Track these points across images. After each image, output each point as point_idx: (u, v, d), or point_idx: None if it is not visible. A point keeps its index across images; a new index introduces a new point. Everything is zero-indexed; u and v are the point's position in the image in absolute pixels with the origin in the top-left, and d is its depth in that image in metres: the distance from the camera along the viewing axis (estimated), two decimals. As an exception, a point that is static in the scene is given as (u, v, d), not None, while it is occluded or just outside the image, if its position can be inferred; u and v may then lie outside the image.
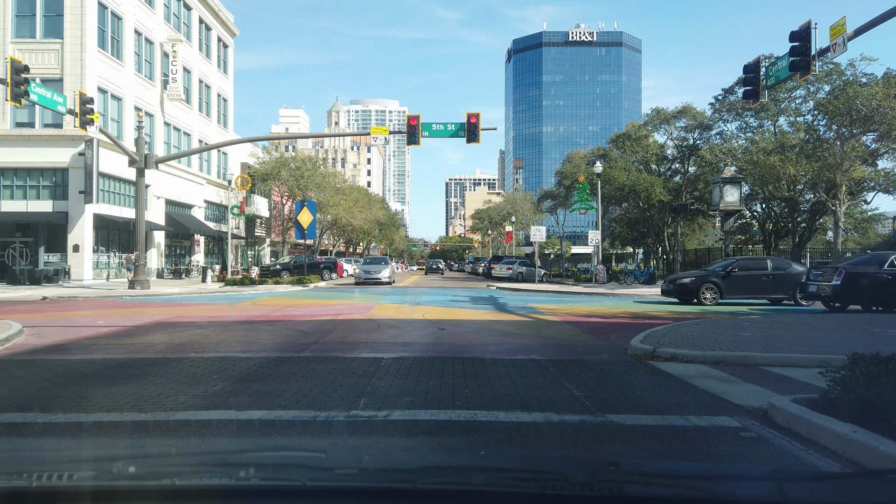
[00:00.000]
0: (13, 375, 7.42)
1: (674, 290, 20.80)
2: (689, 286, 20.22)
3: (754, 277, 20.16)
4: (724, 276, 20.10)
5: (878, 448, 3.98)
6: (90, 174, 30.40)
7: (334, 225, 66.76)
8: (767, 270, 20.37)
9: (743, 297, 20.29)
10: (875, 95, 30.76)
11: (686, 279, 20.86)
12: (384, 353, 9.06)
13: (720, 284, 19.93)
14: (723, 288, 19.88)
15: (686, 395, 6.39)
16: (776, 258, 23.08)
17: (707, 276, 20.54)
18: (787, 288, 20.00)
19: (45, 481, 1.53)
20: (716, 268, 21.54)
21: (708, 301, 19.75)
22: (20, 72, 19.73)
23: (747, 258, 23.81)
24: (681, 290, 20.39)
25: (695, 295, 19.93)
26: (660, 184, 46.72)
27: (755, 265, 20.95)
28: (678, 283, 20.83)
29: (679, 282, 20.89)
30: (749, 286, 20.14)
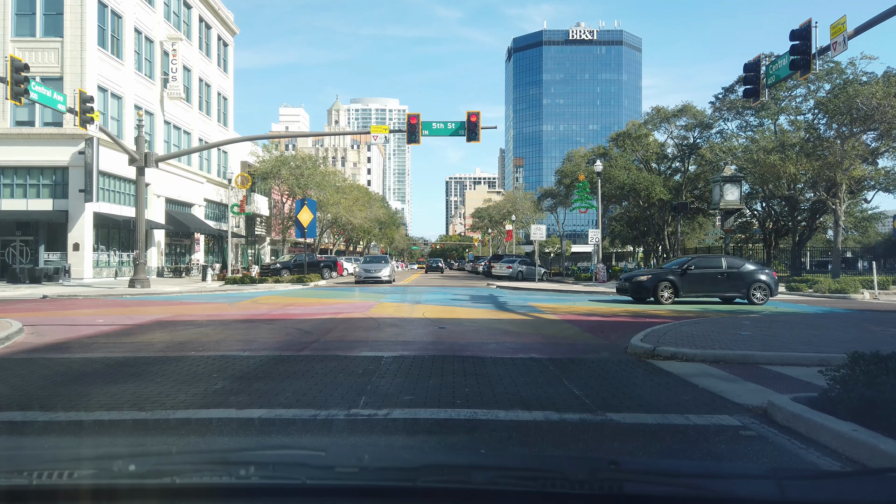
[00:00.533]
0: (13, 374, 7.43)
1: (630, 288, 20.43)
2: (646, 284, 19.83)
3: (710, 275, 20.00)
4: (681, 274, 19.83)
5: (878, 446, 3.98)
6: (90, 173, 30.39)
7: (334, 223, 66.76)
8: (722, 268, 20.23)
9: (699, 294, 20.01)
10: (875, 94, 30.74)
11: (642, 277, 20.49)
12: (384, 352, 9.06)
13: (677, 282, 19.63)
14: (679, 286, 19.61)
15: (686, 394, 6.39)
16: (730, 256, 22.68)
17: (664, 273, 20.12)
18: (742, 286, 19.94)
19: (45, 480, 1.53)
20: (672, 265, 21.25)
21: (665, 299, 19.43)
22: (20, 70, 19.72)
23: (703, 256, 23.49)
24: (637, 288, 20.05)
25: (651, 293, 19.60)
26: (660, 182, 46.73)
27: (711, 263, 20.73)
28: (635, 281, 20.39)
29: (636, 280, 20.46)
30: (705, 284, 19.96)
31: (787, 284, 28.57)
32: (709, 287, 20.00)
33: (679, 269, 20.06)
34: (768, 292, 20.04)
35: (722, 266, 20.35)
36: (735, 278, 20.03)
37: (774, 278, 20.76)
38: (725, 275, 20.06)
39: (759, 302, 19.71)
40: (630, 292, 20.40)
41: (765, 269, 21.27)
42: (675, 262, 21.77)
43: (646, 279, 20.07)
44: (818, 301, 22.23)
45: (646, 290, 19.74)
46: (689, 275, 19.83)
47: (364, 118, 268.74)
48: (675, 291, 19.58)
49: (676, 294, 19.62)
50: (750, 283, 19.86)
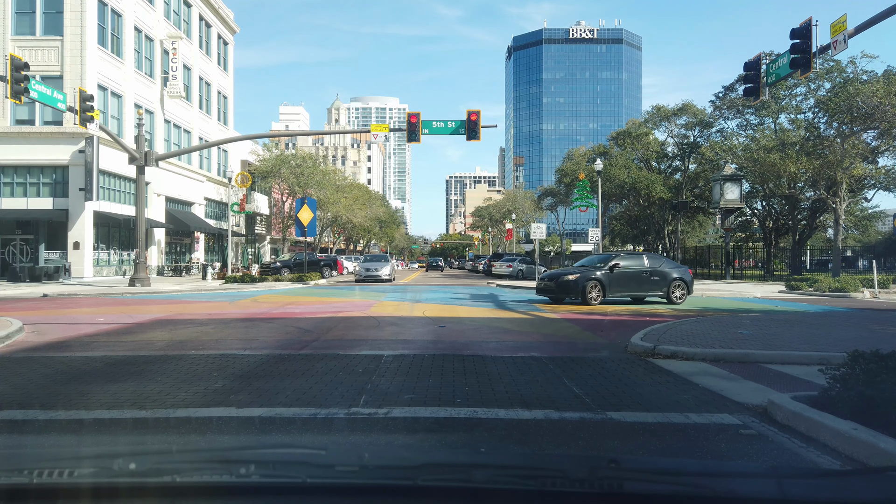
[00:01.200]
0: (14, 373, 7.43)
1: (556, 287, 19.06)
2: (577, 283, 18.50)
3: (634, 274, 19.20)
4: (609, 273, 18.83)
5: (878, 445, 3.99)
6: (90, 171, 30.39)
7: (334, 222, 66.76)
8: (645, 267, 19.51)
9: (622, 294, 19.14)
10: (876, 93, 30.73)
11: (571, 275, 18.98)
12: (384, 351, 9.07)
13: (604, 281, 18.58)
14: (606, 285, 18.59)
15: (686, 393, 6.39)
16: (651, 254, 21.88)
17: (591, 272, 18.84)
18: (663, 285, 19.28)
19: (45, 478, 1.53)
20: (592, 263, 20.31)
21: (593, 300, 18.33)
22: (20, 69, 19.71)
23: (626, 253, 22.04)
24: (565, 288, 18.75)
25: (580, 293, 18.35)
26: (660, 181, 46.74)
27: (634, 262, 19.82)
28: (562, 280, 18.90)
29: (564, 279, 18.95)
30: (629, 283, 19.12)
31: (787, 283, 28.57)
32: (634, 286, 19.17)
33: (607, 268, 18.97)
34: (686, 291, 19.55)
35: (645, 264, 19.63)
36: (657, 277, 19.30)
37: (691, 277, 20.27)
38: (648, 273, 19.29)
39: (678, 301, 19.17)
40: (557, 291, 19.03)
41: (682, 268, 20.66)
42: (596, 259, 20.81)
43: (576, 278, 18.65)
44: (818, 300, 22.23)
45: (575, 289, 18.49)
46: (616, 274, 18.92)
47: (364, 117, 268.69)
48: (602, 291, 18.51)
49: (604, 294, 18.56)
50: (670, 282, 19.26)
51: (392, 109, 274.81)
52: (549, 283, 19.55)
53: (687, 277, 19.78)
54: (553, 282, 19.30)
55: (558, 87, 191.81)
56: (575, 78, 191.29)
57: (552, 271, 21.91)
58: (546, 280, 19.89)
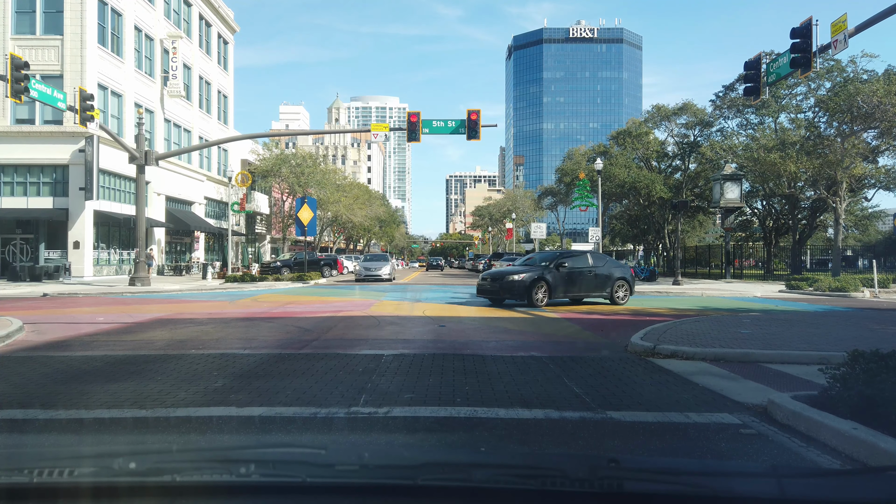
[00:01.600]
0: (14, 372, 7.43)
1: (499, 288, 17.43)
2: (524, 283, 16.99)
3: (579, 274, 18.02)
4: (556, 272, 17.52)
5: (878, 445, 3.99)
6: (90, 171, 30.39)
7: (335, 222, 66.77)
8: (590, 266, 18.41)
9: (568, 294, 17.98)
10: (876, 92, 30.72)
11: (516, 275, 17.31)
12: (384, 350, 9.07)
13: (551, 282, 17.25)
14: (553, 286, 17.30)
15: (686, 392, 6.39)
16: (595, 253, 20.58)
17: (539, 271, 17.44)
18: (607, 285, 18.29)
19: (45, 478, 1.53)
20: (535, 261, 18.94)
21: (539, 302, 16.98)
22: (20, 68, 19.71)
23: (571, 251, 20.37)
24: (509, 288, 17.20)
25: (527, 295, 16.91)
26: (660, 181, 46.72)
27: (579, 260, 18.54)
28: (508, 281, 17.30)
29: (509, 279, 17.29)
30: (575, 283, 17.92)
31: (787, 283, 28.57)
32: (579, 287, 18.03)
33: (553, 267, 17.66)
34: (629, 291, 18.73)
35: (589, 263, 18.51)
36: (601, 277, 18.29)
37: (633, 276, 19.58)
38: (593, 273, 18.22)
39: (622, 302, 18.30)
40: (497, 293, 17.53)
41: (625, 267, 19.81)
42: (539, 257, 19.58)
43: (522, 278, 17.12)
44: (818, 299, 22.22)
45: (522, 290, 16.94)
46: (562, 273, 17.64)
47: (364, 116, 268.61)
48: (549, 292, 17.21)
49: (550, 295, 17.28)
50: (614, 282, 18.34)
51: (392, 109, 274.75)
52: (491, 283, 17.79)
53: (629, 277, 18.97)
54: (497, 282, 17.61)
55: (558, 86, 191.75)
56: (575, 77, 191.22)
57: (494, 270, 19.98)
58: (489, 280, 18.02)
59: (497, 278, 17.65)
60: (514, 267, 19.12)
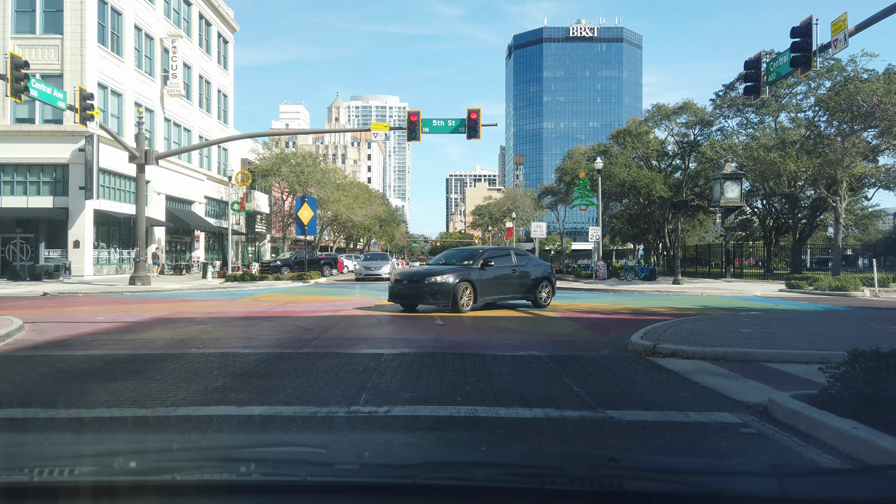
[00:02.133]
0: (14, 371, 7.43)
1: (420, 291, 14.93)
2: (450, 286, 14.62)
3: (504, 275, 16.11)
4: (481, 273, 15.45)
5: (878, 444, 3.99)
6: (90, 170, 30.39)
7: (334, 221, 66.76)
8: (514, 265, 16.49)
9: (492, 298, 16.05)
10: (876, 91, 30.72)
11: (440, 276, 14.80)
12: (384, 350, 9.07)
13: (476, 283, 15.13)
14: (478, 288, 15.16)
15: (686, 391, 6.39)
16: (518, 249, 18.45)
17: (464, 271, 15.19)
18: (530, 286, 16.57)
19: (46, 477, 1.53)
20: (452, 259, 16.89)
21: (465, 306, 14.80)
22: (20, 67, 19.70)
23: (493, 248, 18.07)
24: (434, 292, 14.72)
25: (452, 299, 14.61)
26: (660, 180, 46.72)
27: (503, 259, 16.55)
28: (430, 283, 14.80)
29: (431, 280, 14.81)
30: (499, 285, 15.97)
31: (787, 282, 28.56)
32: (503, 289, 16.14)
33: (478, 266, 15.52)
34: (552, 292, 17.29)
35: (513, 262, 16.58)
36: (526, 277, 16.59)
37: (555, 275, 18.19)
38: (517, 273, 16.38)
39: (545, 304, 16.79)
40: (414, 298, 15.21)
41: (546, 265, 18.20)
42: (456, 255, 17.38)
43: (445, 280, 14.74)
44: (818, 298, 22.23)
45: (445, 294, 14.64)
46: (487, 274, 15.63)
47: (364, 115, 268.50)
48: (474, 296, 15.09)
49: (475, 299, 15.18)
50: (538, 283, 16.75)
51: (392, 108, 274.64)
52: (409, 285, 15.24)
53: (552, 276, 17.54)
54: (416, 284, 15.09)
55: (558, 85, 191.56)
56: (575, 76, 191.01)
57: (410, 270, 17.50)
58: (405, 281, 15.44)
59: (416, 280, 15.20)
60: (433, 266, 16.41)
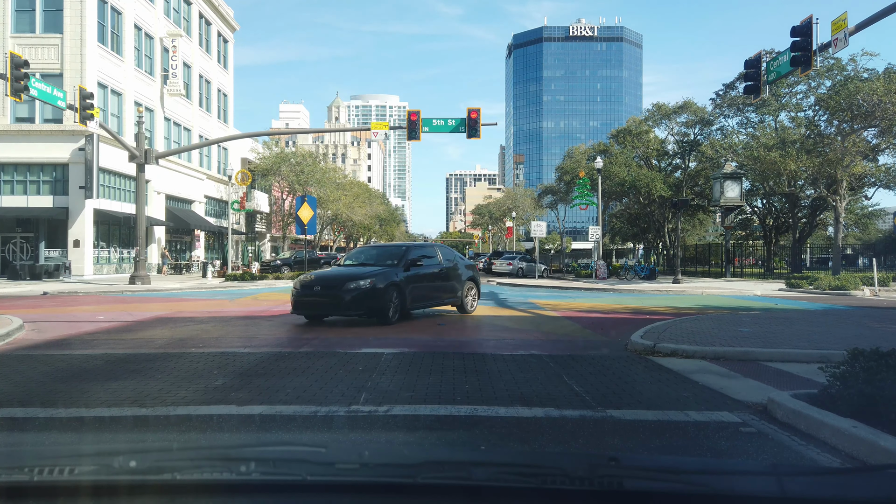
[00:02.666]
0: (14, 370, 7.43)
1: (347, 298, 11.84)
2: (377, 292, 11.90)
3: (433, 276, 13.81)
4: (407, 275, 12.90)
5: (878, 443, 3.99)
6: (90, 169, 30.38)
7: (335, 220, 66.76)
8: (440, 264, 14.22)
9: (422, 304, 13.68)
10: (876, 91, 30.72)
11: (363, 280, 11.99)
12: (384, 349, 9.07)
13: (404, 288, 12.63)
14: (405, 294, 12.63)
15: (686, 391, 6.40)
16: (443, 246, 15.58)
17: (389, 274, 12.51)
18: (458, 288, 14.44)
19: (45, 476, 1.53)
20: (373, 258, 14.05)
21: (393, 316, 12.23)
22: (20, 66, 19.69)
23: (418, 245, 15.61)
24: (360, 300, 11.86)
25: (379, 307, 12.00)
26: (660, 179, 46.72)
27: (429, 257, 14.06)
28: (351, 289, 11.88)
29: (353, 286, 11.90)
30: (429, 289, 13.68)
31: (787, 281, 28.56)
32: (432, 293, 13.88)
33: (403, 268, 12.97)
34: (477, 295, 15.33)
35: (438, 259, 14.28)
36: (453, 278, 14.42)
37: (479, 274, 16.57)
38: (444, 273, 14.16)
39: (471, 310, 14.79)
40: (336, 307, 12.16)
41: (471, 262, 16.41)
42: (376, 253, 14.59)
43: (374, 284, 11.99)
44: (818, 298, 22.23)
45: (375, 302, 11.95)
46: (415, 276, 13.15)
47: (364, 115, 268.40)
48: (402, 302, 12.56)
49: (403, 306, 12.62)
50: (464, 284, 14.65)
51: (392, 107, 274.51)
52: (322, 292, 12.22)
53: (477, 277, 15.72)
54: (332, 291, 12.10)
55: (558, 84, 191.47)
56: (575, 76, 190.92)
57: (322, 273, 13.88)
58: (317, 287, 12.33)
59: (333, 285, 12.17)
60: (354, 268, 13.16)
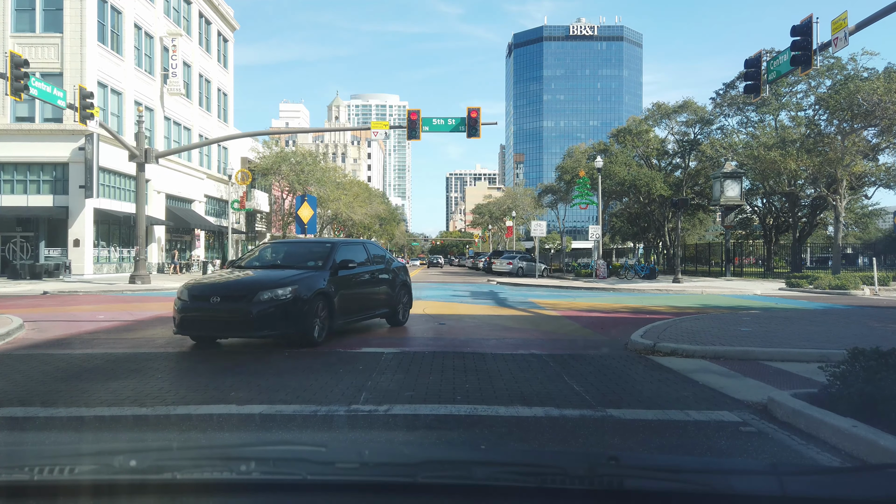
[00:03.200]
0: (14, 370, 7.43)
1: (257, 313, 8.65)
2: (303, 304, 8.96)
3: (365, 281, 10.99)
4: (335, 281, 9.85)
5: (878, 442, 3.99)
6: (90, 169, 30.38)
7: (335, 220, 66.75)
8: (372, 265, 11.41)
9: (353, 318, 10.64)
10: (876, 90, 30.71)
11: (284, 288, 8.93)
12: (384, 348, 9.07)
13: (334, 297, 9.66)
14: (335, 304, 9.68)
15: (686, 390, 6.40)
16: (373, 243, 12.56)
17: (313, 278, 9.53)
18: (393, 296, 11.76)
19: (45, 475, 1.53)
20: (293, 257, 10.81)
21: (321, 333, 9.28)
22: (20, 66, 19.68)
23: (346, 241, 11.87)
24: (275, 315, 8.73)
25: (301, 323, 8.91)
26: (660, 178, 46.71)
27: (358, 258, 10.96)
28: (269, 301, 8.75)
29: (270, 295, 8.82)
30: (361, 298, 10.92)
31: (787, 280, 28.57)
32: (365, 303, 11.10)
33: (329, 271, 9.86)
34: (409, 302, 12.65)
35: (369, 260, 11.43)
36: (387, 283, 11.75)
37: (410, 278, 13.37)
38: (378, 278, 11.45)
39: (404, 321, 12.15)
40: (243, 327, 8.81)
41: (402, 263, 13.47)
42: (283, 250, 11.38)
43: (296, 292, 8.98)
44: (818, 297, 22.23)
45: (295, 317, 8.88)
46: (345, 281, 10.20)
47: (364, 114, 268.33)
48: (330, 316, 9.57)
49: (331, 321, 9.61)
50: (398, 291, 12.02)
51: (392, 107, 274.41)
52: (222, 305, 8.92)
53: (409, 281, 12.93)
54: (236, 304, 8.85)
55: (558, 84, 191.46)
56: (575, 75, 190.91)
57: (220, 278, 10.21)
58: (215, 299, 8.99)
59: (238, 295, 8.96)
60: (265, 273, 9.88)
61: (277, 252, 11.47)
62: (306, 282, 9.34)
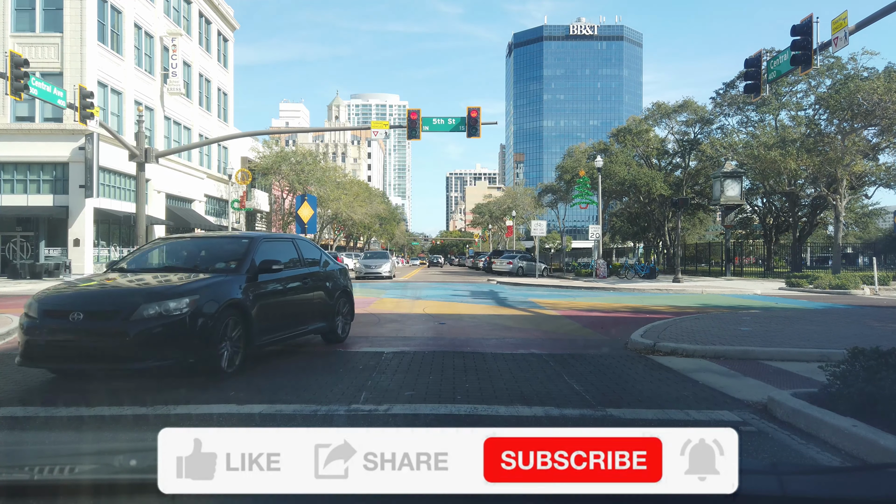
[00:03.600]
0: (14, 369, 7.42)
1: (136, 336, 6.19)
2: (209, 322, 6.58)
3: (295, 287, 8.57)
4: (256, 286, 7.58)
5: (878, 442, 3.99)
6: (90, 168, 30.38)
7: (335, 219, 66.75)
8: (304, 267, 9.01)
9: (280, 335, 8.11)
10: (876, 90, 30.70)
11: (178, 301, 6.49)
12: (385, 348, 9.07)
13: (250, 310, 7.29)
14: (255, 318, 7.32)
15: (686, 390, 6.40)
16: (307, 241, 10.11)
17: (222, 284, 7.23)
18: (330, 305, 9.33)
19: (46, 475, 1.53)
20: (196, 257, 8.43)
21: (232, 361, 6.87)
22: (20, 65, 19.67)
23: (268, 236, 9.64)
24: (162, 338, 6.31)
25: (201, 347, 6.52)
26: (660, 178, 46.70)
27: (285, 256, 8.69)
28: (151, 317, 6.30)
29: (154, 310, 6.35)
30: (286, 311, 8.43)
31: (787, 280, 28.57)
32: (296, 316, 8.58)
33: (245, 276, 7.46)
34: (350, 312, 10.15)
35: (300, 261, 9.04)
36: (323, 290, 9.25)
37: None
38: (311, 284, 8.99)
39: (344, 335, 9.79)
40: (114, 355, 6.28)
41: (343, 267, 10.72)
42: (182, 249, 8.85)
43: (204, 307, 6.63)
44: (819, 297, 22.24)
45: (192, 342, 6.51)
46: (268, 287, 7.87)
47: (364, 114, 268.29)
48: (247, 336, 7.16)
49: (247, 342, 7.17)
50: (337, 299, 9.59)
51: (392, 106, 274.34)
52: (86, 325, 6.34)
53: (351, 287, 10.59)
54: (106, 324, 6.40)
55: (558, 83, 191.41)
56: (575, 75, 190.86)
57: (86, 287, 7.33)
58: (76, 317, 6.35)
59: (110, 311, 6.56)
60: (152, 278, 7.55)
61: (176, 251, 8.84)
62: (212, 290, 6.97)
